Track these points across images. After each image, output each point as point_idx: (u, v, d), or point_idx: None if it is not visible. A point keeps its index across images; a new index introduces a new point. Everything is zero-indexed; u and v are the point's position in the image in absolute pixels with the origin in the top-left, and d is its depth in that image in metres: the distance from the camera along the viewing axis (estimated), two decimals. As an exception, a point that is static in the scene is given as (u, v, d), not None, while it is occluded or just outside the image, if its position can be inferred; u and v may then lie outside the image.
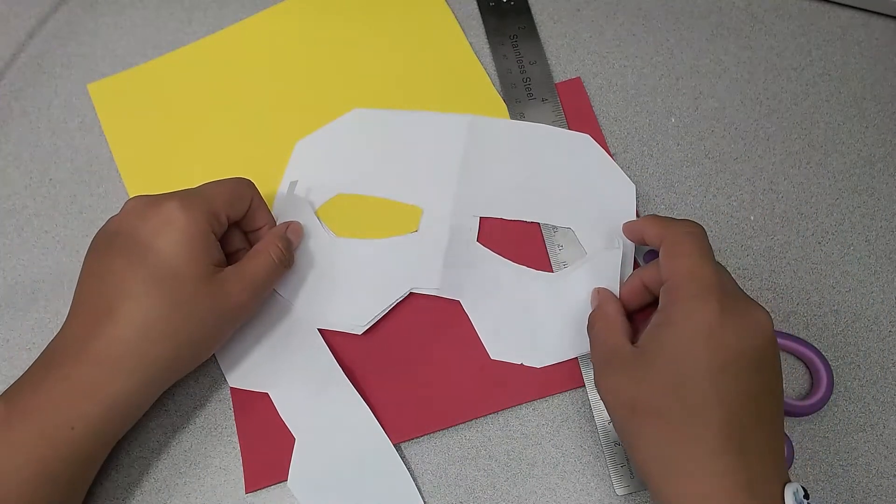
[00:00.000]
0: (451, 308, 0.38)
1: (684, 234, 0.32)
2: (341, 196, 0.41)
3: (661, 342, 0.30)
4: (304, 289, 0.38)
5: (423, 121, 0.43)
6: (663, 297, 0.31)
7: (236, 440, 0.36)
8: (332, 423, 0.36)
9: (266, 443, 0.36)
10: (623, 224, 0.38)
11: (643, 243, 0.36)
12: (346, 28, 0.46)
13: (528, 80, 0.44)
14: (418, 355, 0.38)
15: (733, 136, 0.43)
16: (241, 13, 0.47)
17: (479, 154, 0.41)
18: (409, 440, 0.36)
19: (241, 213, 0.36)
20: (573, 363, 0.37)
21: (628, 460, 0.35)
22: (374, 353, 0.38)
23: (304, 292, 0.38)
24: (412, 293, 0.38)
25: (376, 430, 0.36)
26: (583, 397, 0.37)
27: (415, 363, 0.38)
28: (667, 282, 0.31)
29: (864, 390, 0.37)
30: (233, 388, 0.37)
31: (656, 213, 0.41)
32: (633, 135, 0.43)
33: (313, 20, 0.46)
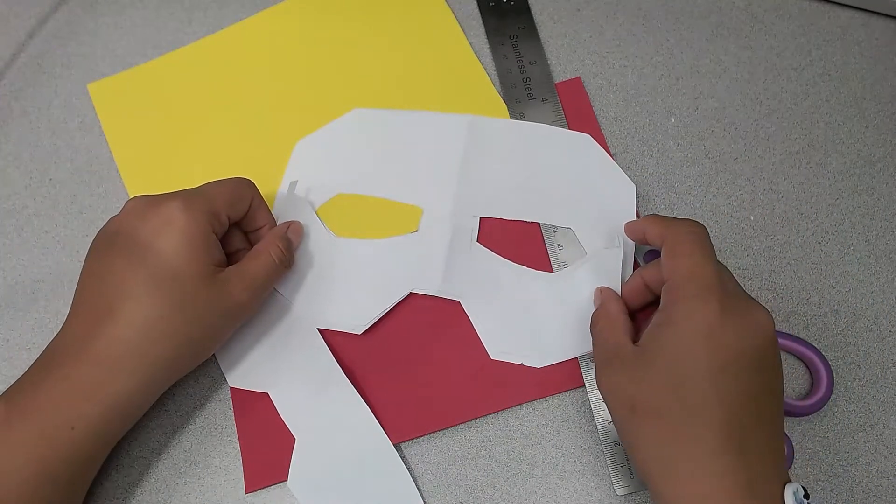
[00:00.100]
0: (451, 308, 0.38)
1: (686, 233, 0.32)
2: (341, 196, 0.41)
3: (661, 342, 0.30)
4: (304, 289, 0.38)
5: (423, 121, 0.43)
6: (664, 296, 0.31)
7: (236, 440, 0.36)
8: (332, 423, 0.36)
9: (266, 443, 0.36)
10: (625, 224, 0.38)
11: (645, 243, 0.36)
12: (346, 28, 0.46)
13: (528, 80, 0.44)
14: (418, 355, 0.38)
15: (733, 136, 0.43)
16: (241, 13, 0.47)
17: (480, 154, 0.41)
18: (409, 440, 0.36)
19: (242, 214, 0.36)
20: (573, 363, 0.37)
21: (628, 460, 0.35)
22: (374, 353, 0.38)
23: (304, 292, 0.38)
24: (412, 293, 0.38)
25: (376, 430, 0.36)
26: (583, 397, 0.37)
27: (415, 363, 0.38)
28: (668, 281, 0.31)
29: (864, 390, 0.37)
30: (233, 388, 0.37)
31: (657, 213, 0.41)
32: (633, 135, 0.43)
33: (313, 20, 0.46)
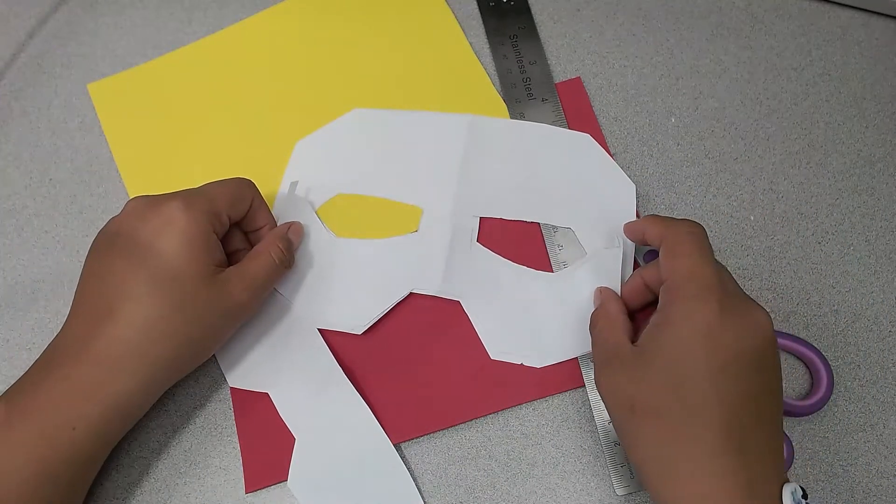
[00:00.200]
0: (451, 308, 0.38)
1: (685, 233, 0.32)
2: (341, 196, 0.41)
3: (660, 342, 0.30)
4: (304, 289, 0.38)
5: (423, 121, 0.43)
6: (663, 296, 0.31)
7: (236, 440, 0.37)
8: (332, 423, 0.36)
9: (266, 443, 0.36)
10: (624, 224, 0.38)
11: (644, 243, 0.36)
12: (346, 28, 0.46)
13: (528, 80, 0.44)
14: (418, 355, 0.38)
15: (733, 136, 0.43)
16: (241, 13, 0.47)
17: (479, 154, 0.41)
18: (409, 440, 0.36)
19: (242, 214, 0.36)
20: (573, 363, 0.37)
21: (628, 460, 0.35)
22: (374, 353, 0.38)
23: (304, 292, 0.38)
24: (412, 293, 0.38)
25: (376, 430, 0.36)
26: (583, 397, 0.37)
27: (415, 363, 0.38)
28: (666, 281, 0.31)
29: (864, 390, 0.37)
30: (233, 388, 0.37)
31: (656, 213, 0.41)
32: (633, 135, 0.43)
33: (313, 20, 0.46)
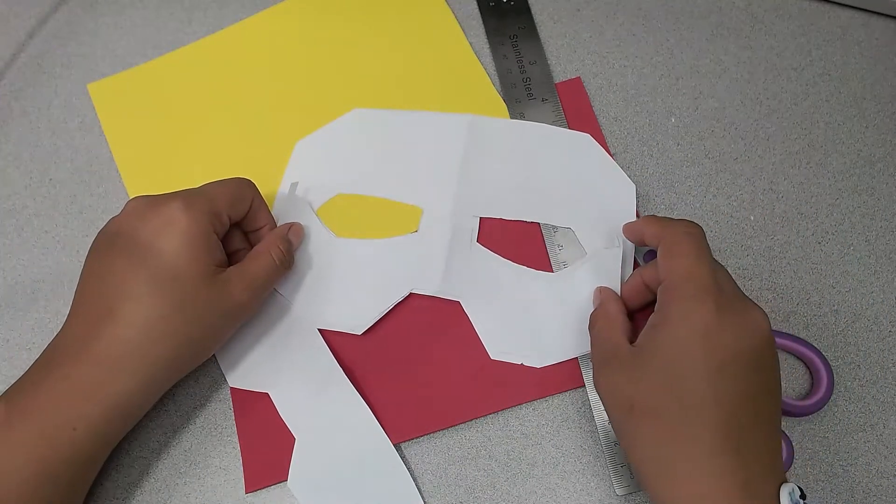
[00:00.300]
0: (451, 308, 0.38)
1: (682, 234, 0.32)
2: (341, 196, 0.41)
3: (658, 342, 0.30)
4: (304, 289, 0.38)
5: (423, 121, 0.43)
6: (660, 296, 0.31)
7: (236, 440, 0.37)
8: (332, 423, 0.36)
9: (266, 443, 0.36)
10: (623, 225, 0.38)
11: (643, 244, 0.36)
12: (346, 28, 0.46)
13: (528, 80, 0.44)
14: (418, 355, 0.38)
15: (733, 136, 0.43)
16: (241, 13, 0.47)
17: (479, 154, 0.41)
18: (409, 440, 0.36)
19: (243, 214, 0.36)
20: (573, 363, 0.37)
21: (627, 460, 0.35)
22: (374, 353, 0.38)
23: (304, 292, 0.38)
24: (412, 293, 0.38)
25: (376, 430, 0.36)
26: (583, 397, 0.37)
27: (415, 363, 0.38)
28: (664, 281, 0.31)
29: (864, 390, 0.37)
30: (233, 388, 0.37)
31: (656, 214, 0.41)
32: (633, 135, 0.43)
33: (313, 20, 0.46)
